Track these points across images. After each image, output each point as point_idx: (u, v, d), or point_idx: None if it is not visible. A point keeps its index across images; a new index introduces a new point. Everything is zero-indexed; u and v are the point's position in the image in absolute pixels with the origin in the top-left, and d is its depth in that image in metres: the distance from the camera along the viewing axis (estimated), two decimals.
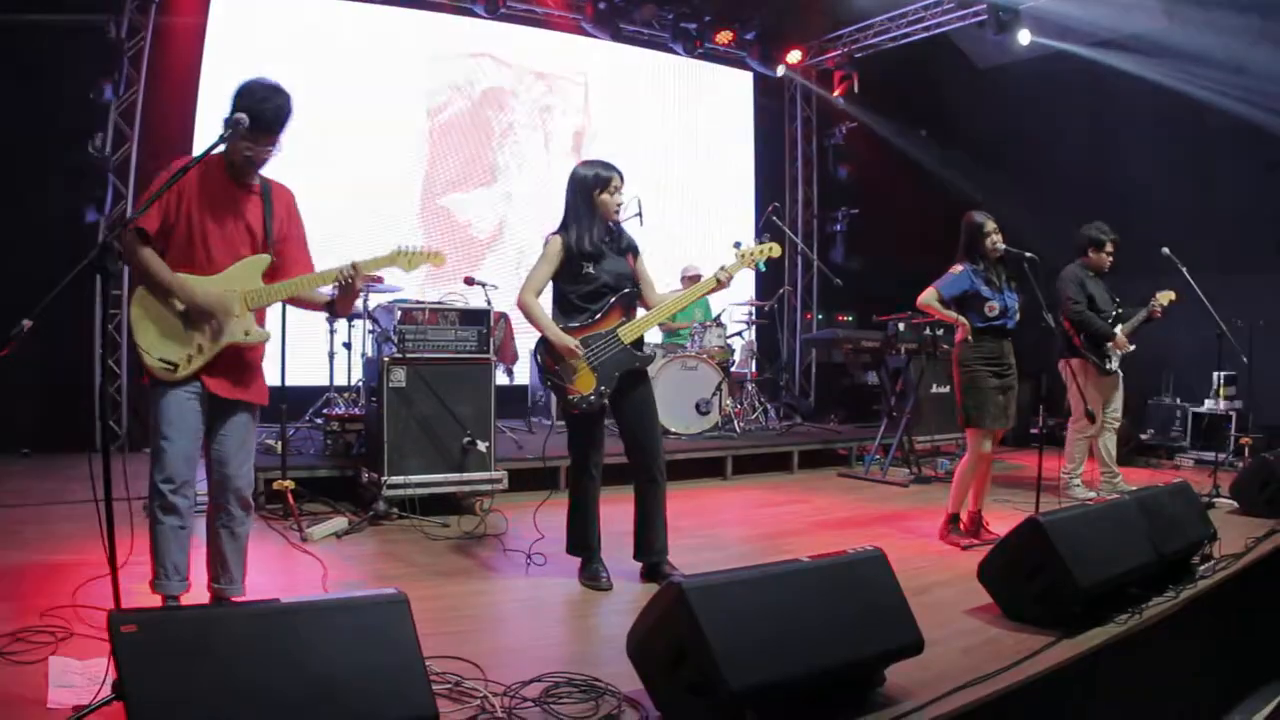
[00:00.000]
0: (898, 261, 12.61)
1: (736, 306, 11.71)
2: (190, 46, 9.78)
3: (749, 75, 14.18)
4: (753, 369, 12.18)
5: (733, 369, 11.34)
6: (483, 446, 7.33)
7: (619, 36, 12.32)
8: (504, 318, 9.73)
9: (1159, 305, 8.34)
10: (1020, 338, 6.88)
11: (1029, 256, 6.67)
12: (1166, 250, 8.27)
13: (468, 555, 6.31)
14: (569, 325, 5.53)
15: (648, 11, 12.30)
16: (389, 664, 3.08)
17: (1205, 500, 7.06)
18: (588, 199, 5.56)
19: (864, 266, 13.70)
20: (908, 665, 3.89)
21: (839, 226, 14.24)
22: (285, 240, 4.60)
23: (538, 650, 4.43)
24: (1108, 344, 8.24)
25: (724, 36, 12.94)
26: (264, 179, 4.58)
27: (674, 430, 9.92)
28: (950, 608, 5.15)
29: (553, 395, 9.67)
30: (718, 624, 3.34)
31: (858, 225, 14.11)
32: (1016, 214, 7.06)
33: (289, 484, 6.93)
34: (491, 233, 12.11)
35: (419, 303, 7.69)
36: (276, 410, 7.09)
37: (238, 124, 3.99)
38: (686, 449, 9.66)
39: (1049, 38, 11.91)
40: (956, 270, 6.75)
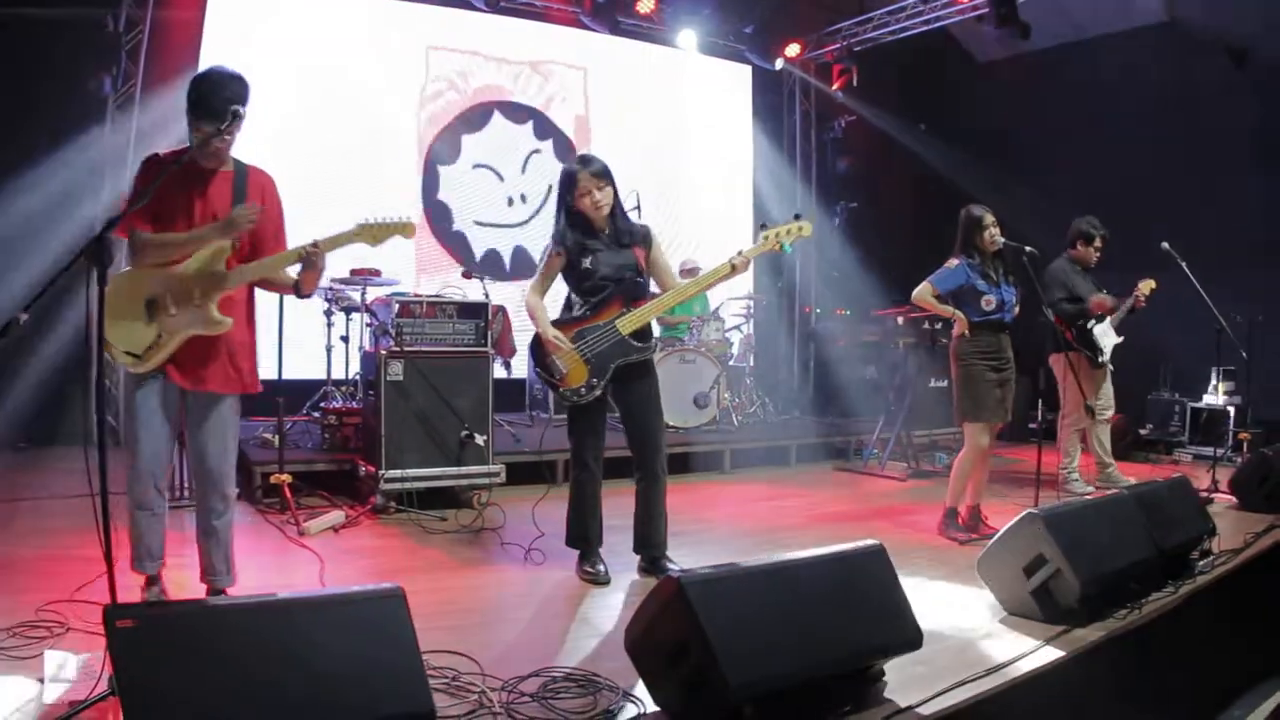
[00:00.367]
0: (896, 255, 12.62)
1: (735, 300, 11.70)
2: (188, 40, 9.75)
3: (747, 69, 14.15)
4: (751, 362, 12.17)
5: (731, 362, 11.33)
6: (480, 440, 7.32)
7: (618, 30, 12.27)
8: (502, 311, 9.70)
9: (1141, 294, 8.36)
10: (1019, 332, 6.87)
11: (1028, 250, 6.66)
12: (1166, 245, 8.26)
13: (465, 549, 6.30)
14: (569, 317, 5.55)
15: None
16: (386, 659, 3.06)
17: (1204, 496, 7.06)
18: (561, 200, 5.58)
19: (862, 260, 13.68)
20: (906, 660, 3.88)
21: (837, 220, 14.21)
22: (260, 226, 4.55)
23: (536, 645, 4.42)
24: (1094, 333, 8.24)
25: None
26: (239, 164, 4.58)
27: (672, 424, 9.89)
28: (949, 602, 5.15)
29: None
30: (716, 618, 3.33)
31: (856, 219, 14.08)
32: (1015, 208, 7.05)
33: (286, 478, 6.91)
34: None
35: (417, 296, 7.67)
36: (273, 404, 7.09)
37: (234, 114, 3.98)
38: (684, 442, 9.66)
39: (1048, 31, 11.89)
40: (951, 264, 6.74)
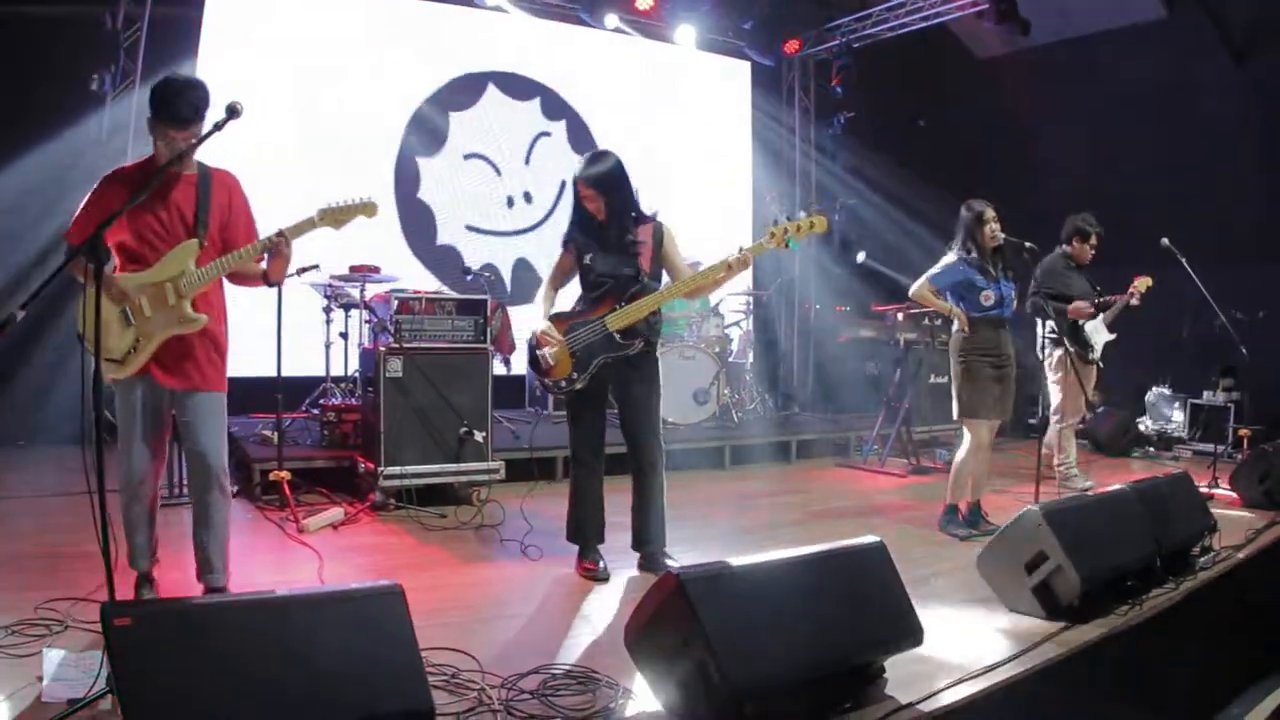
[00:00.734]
0: (896, 251, 12.60)
1: (734, 296, 11.69)
2: (186, 37, 9.75)
3: (746, 65, 14.13)
4: (751, 358, 12.16)
5: (730, 359, 11.32)
6: (480, 437, 7.31)
7: (615, 24, 12.23)
8: (501, 307, 9.69)
9: (1137, 291, 8.36)
10: (1019, 328, 6.86)
11: (1028, 246, 6.65)
12: (1166, 241, 8.26)
13: (465, 546, 6.30)
14: (566, 313, 5.62)
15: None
16: (385, 656, 3.06)
17: (1205, 492, 7.06)
18: (574, 195, 5.66)
19: (863, 256, 13.66)
20: (907, 657, 3.88)
21: (837, 216, 14.19)
22: (229, 225, 4.64)
23: (535, 642, 4.42)
24: (1085, 330, 8.24)
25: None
26: (202, 166, 4.63)
27: (671, 420, 9.89)
28: (950, 599, 5.15)
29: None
30: (716, 615, 3.33)
31: (856, 215, 14.07)
32: (1014, 204, 7.04)
33: (285, 474, 6.90)
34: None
35: (416, 293, 7.66)
36: (273, 400, 7.09)
37: (232, 113, 3.97)
38: (684, 438, 9.65)
39: (1047, 27, 11.88)
40: (949, 260, 6.73)
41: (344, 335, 8.95)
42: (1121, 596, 4.95)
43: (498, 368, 8.15)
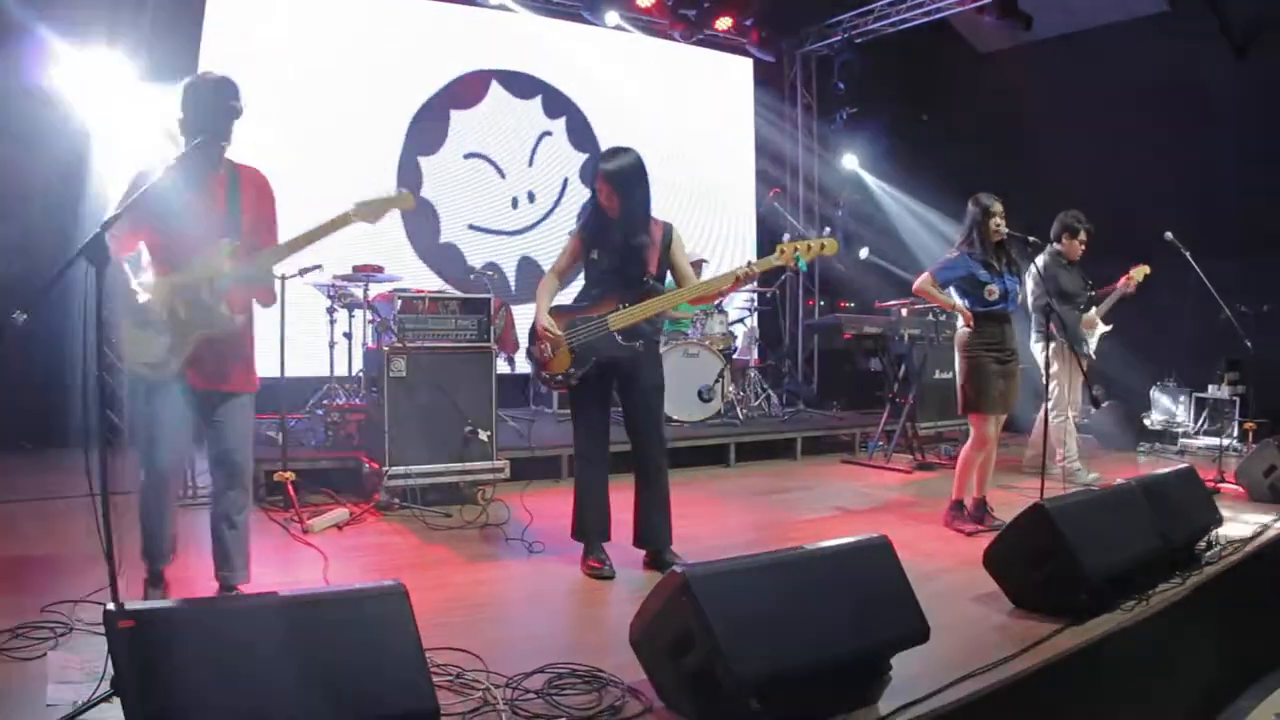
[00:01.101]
0: (900, 247, 12.59)
1: (738, 293, 11.67)
2: (186, 39, 9.72)
3: (748, 61, 14.10)
4: (755, 355, 12.15)
5: (735, 356, 11.30)
6: (484, 436, 7.31)
7: (616, 21, 12.22)
8: (505, 306, 9.68)
9: (1133, 280, 8.35)
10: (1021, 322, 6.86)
11: (1032, 240, 6.65)
12: (1169, 235, 8.26)
13: (470, 545, 6.29)
14: (570, 306, 5.63)
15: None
16: (389, 656, 3.05)
17: (1210, 486, 7.05)
18: (591, 186, 5.64)
19: (866, 252, 13.65)
20: (914, 653, 3.86)
21: (840, 212, 14.18)
22: (255, 223, 4.63)
23: (540, 640, 4.42)
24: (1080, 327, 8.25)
25: (724, 23, 12.83)
26: (231, 164, 4.61)
27: (676, 417, 9.89)
28: (956, 595, 5.14)
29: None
30: (721, 612, 3.32)
31: (859, 211, 14.06)
32: (1017, 199, 7.02)
33: (289, 475, 6.89)
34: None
35: (419, 292, 7.65)
36: (276, 401, 7.08)
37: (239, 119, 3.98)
38: (689, 436, 9.64)
39: (1049, 22, 11.85)
40: (952, 255, 6.73)
41: (348, 335, 8.94)
42: (1128, 591, 4.94)
43: (502, 366, 8.14)
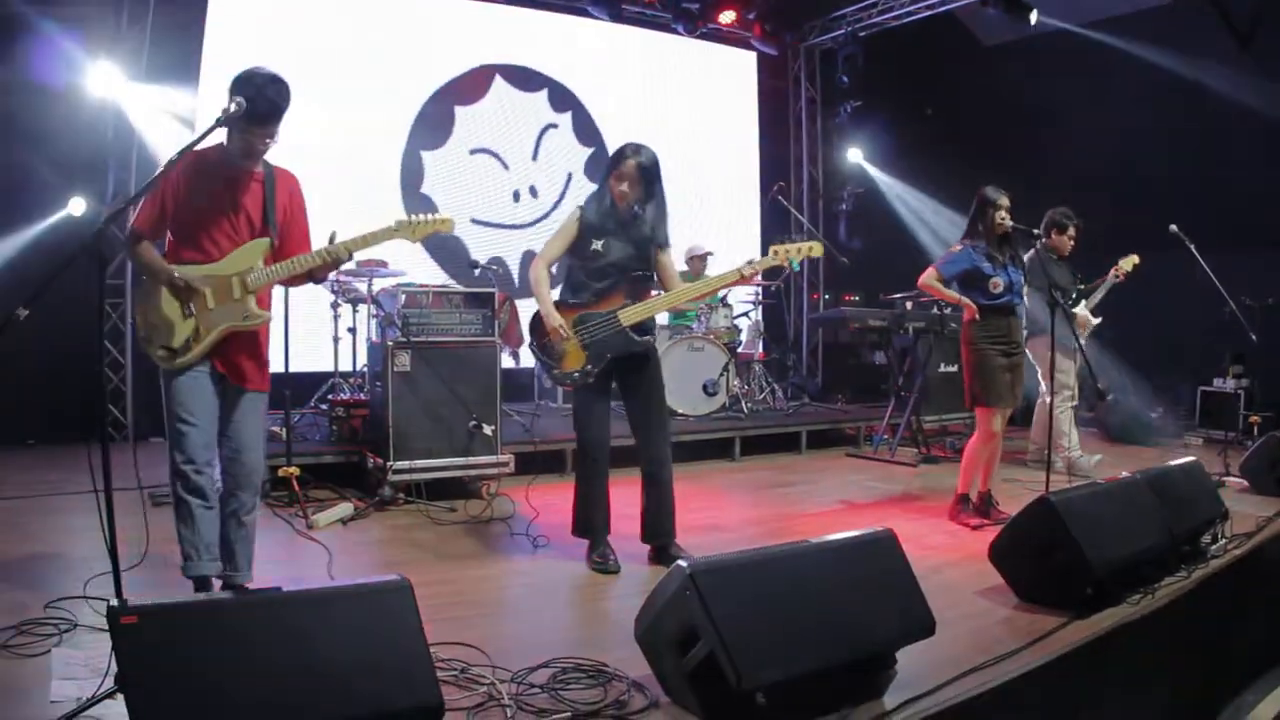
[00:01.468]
0: (904, 240, 12.58)
1: (743, 287, 11.64)
2: (191, 35, 9.73)
3: (752, 55, 14.09)
4: (760, 349, 12.13)
5: (739, 349, 11.29)
6: (489, 430, 7.30)
7: (619, 17, 12.22)
8: (509, 300, 9.68)
9: (1122, 270, 8.34)
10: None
11: (1036, 233, 6.64)
12: (1174, 228, 8.24)
13: (474, 540, 6.29)
14: (571, 301, 5.55)
15: None
16: (394, 652, 3.04)
17: (1215, 479, 7.03)
18: (604, 178, 5.58)
19: (870, 246, 13.65)
20: (919, 647, 3.85)
21: (844, 206, 14.17)
22: (288, 225, 4.66)
23: (545, 635, 4.42)
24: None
25: (727, 16, 12.83)
26: (267, 164, 4.63)
27: (681, 411, 9.88)
28: (961, 589, 5.13)
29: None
30: (726, 607, 3.32)
31: (863, 204, 14.05)
32: (1021, 192, 7.01)
33: (294, 470, 6.89)
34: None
35: (423, 286, 7.65)
36: (281, 396, 7.08)
37: (236, 109, 3.95)
38: (694, 430, 9.63)
39: (1055, 14, 11.83)
40: (956, 249, 6.72)
41: (352, 330, 8.95)
42: (1134, 585, 4.93)
43: (506, 361, 8.13)
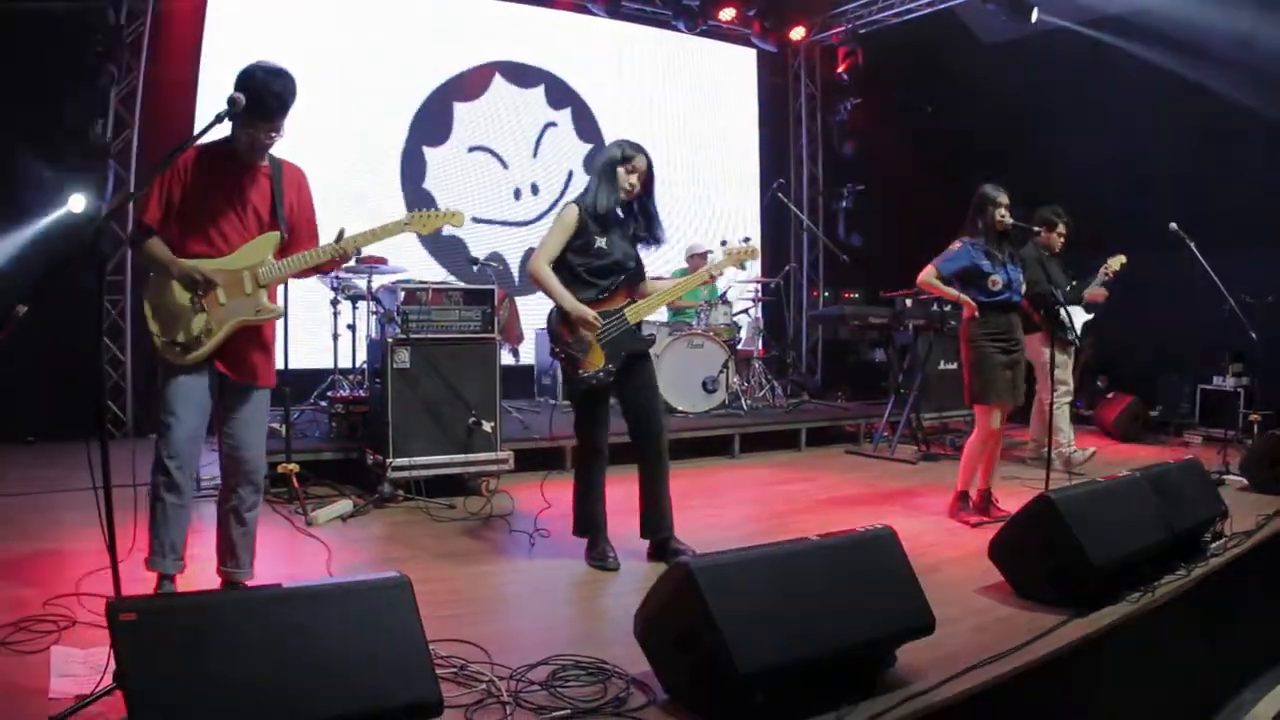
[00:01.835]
0: (904, 237, 12.55)
1: (742, 284, 11.66)
2: (190, 30, 9.73)
3: (752, 52, 14.09)
4: (759, 346, 12.14)
5: (739, 347, 11.30)
6: (488, 427, 7.30)
7: (619, 14, 12.22)
8: (508, 297, 9.68)
9: (1110, 269, 8.35)
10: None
11: (1036, 230, 6.64)
12: (1174, 225, 8.25)
13: (474, 537, 6.29)
14: (580, 298, 5.49)
15: None
16: (393, 649, 3.04)
17: (1215, 478, 7.03)
18: (609, 171, 5.52)
19: (870, 243, 13.64)
20: (919, 645, 3.86)
21: (845, 203, 14.15)
22: (295, 219, 4.66)
23: (544, 632, 4.42)
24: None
25: (727, 13, 12.84)
26: (274, 158, 4.62)
27: (680, 408, 9.88)
28: (961, 586, 5.12)
29: (558, 375, 9.70)
30: (726, 604, 3.32)
31: (864, 202, 14.04)
32: (1021, 189, 7.01)
33: (293, 467, 6.89)
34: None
35: (422, 283, 7.64)
36: (280, 393, 7.07)
37: (234, 104, 3.94)
38: (693, 427, 9.63)
39: (1055, 12, 11.82)
40: (955, 247, 6.71)
41: (351, 327, 8.95)
42: (1134, 583, 4.92)
43: (506, 358, 8.13)
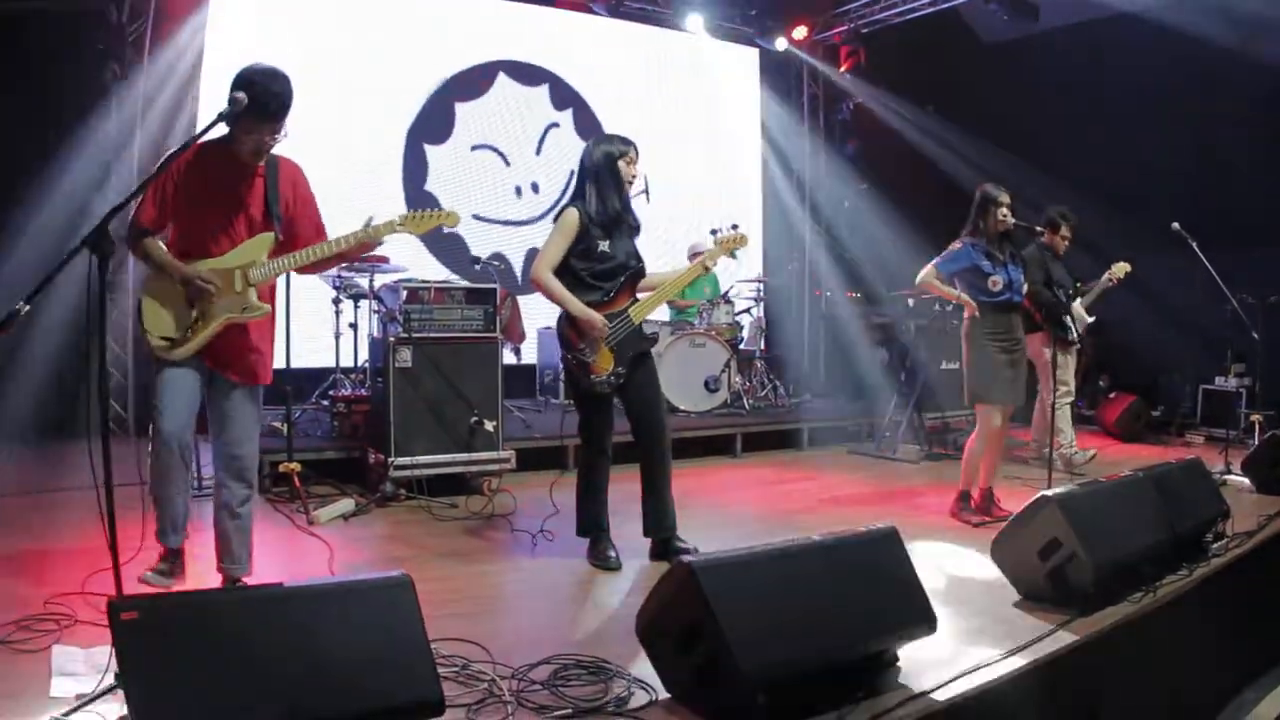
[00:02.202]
0: (905, 237, 12.55)
1: (745, 283, 11.66)
2: (191, 29, 9.73)
3: (754, 51, 14.08)
4: (761, 346, 12.14)
5: (741, 346, 11.30)
6: (490, 426, 7.31)
7: (620, 13, 12.21)
8: (510, 296, 9.68)
9: (1115, 276, 8.36)
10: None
11: (1038, 230, 6.63)
12: (1176, 225, 8.24)
13: (476, 536, 6.30)
14: (586, 301, 5.48)
15: None
16: (394, 647, 3.05)
17: (1217, 478, 7.03)
18: (611, 169, 5.51)
19: (872, 243, 13.62)
20: (921, 645, 3.86)
21: (847, 203, 14.14)
22: (294, 215, 4.66)
23: (546, 632, 4.42)
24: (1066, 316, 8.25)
25: (730, 12, 12.81)
26: (270, 155, 4.60)
27: (683, 408, 9.88)
28: (963, 586, 5.13)
29: (560, 375, 9.69)
30: (728, 604, 3.31)
31: (866, 201, 14.02)
32: (1023, 189, 7.01)
33: (295, 466, 6.89)
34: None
35: (424, 282, 7.65)
36: (282, 392, 7.08)
37: (236, 104, 3.94)
38: (695, 427, 9.63)
39: (1056, 12, 11.82)
40: (955, 246, 6.70)
41: (353, 326, 8.94)
42: (1135, 583, 4.92)
43: (508, 357, 8.13)
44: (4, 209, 8.57)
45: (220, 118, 3.94)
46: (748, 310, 11.69)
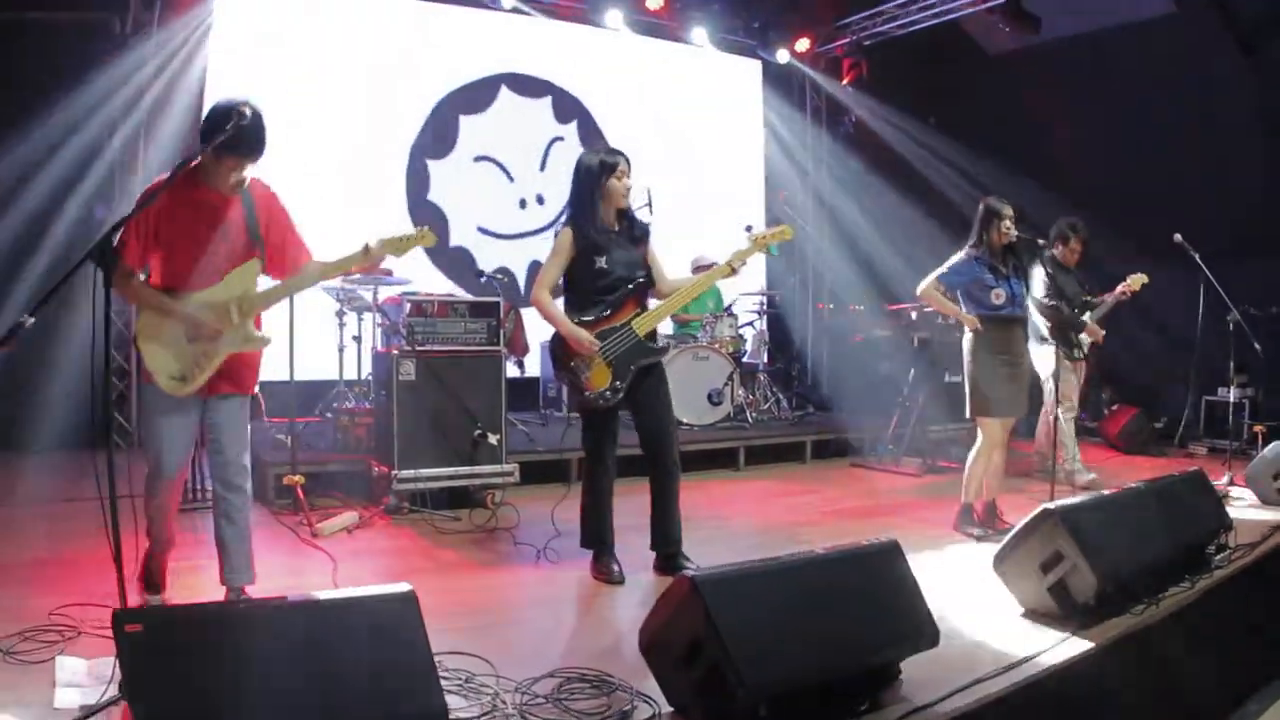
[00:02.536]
0: (908, 250, 12.55)
1: (748, 296, 11.66)
2: (194, 40, 9.76)
3: (758, 64, 14.10)
4: (765, 359, 12.14)
5: (744, 359, 11.30)
6: (494, 439, 7.31)
7: (626, 24, 12.23)
8: (514, 309, 9.68)
9: (1130, 288, 8.36)
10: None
11: (1041, 243, 6.64)
12: (1178, 237, 8.24)
13: (479, 549, 6.30)
14: (583, 319, 5.48)
15: None
16: (398, 661, 3.05)
17: (1219, 490, 7.02)
18: (595, 186, 5.52)
19: (875, 256, 13.62)
20: (923, 658, 3.86)
21: (850, 215, 14.14)
22: (274, 236, 4.63)
23: (550, 645, 4.43)
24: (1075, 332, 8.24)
25: (733, 24, 12.82)
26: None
27: (686, 421, 9.88)
28: (965, 599, 5.12)
29: (565, 388, 9.69)
30: (731, 617, 3.32)
31: (868, 213, 14.03)
32: (1026, 201, 7.02)
33: (299, 479, 6.89)
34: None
35: (428, 295, 7.65)
36: (286, 405, 7.09)
37: (240, 117, 3.96)
38: (699, 440, 9.63)
39: (1058, 24, 11.83)
40: (958, 258, 6.70)
41: (357, 339, 8.95)
42: (1137, 595, 4.92)
43: (511, 370, 8.13)
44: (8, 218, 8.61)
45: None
46: (751, 323, 11.70)
